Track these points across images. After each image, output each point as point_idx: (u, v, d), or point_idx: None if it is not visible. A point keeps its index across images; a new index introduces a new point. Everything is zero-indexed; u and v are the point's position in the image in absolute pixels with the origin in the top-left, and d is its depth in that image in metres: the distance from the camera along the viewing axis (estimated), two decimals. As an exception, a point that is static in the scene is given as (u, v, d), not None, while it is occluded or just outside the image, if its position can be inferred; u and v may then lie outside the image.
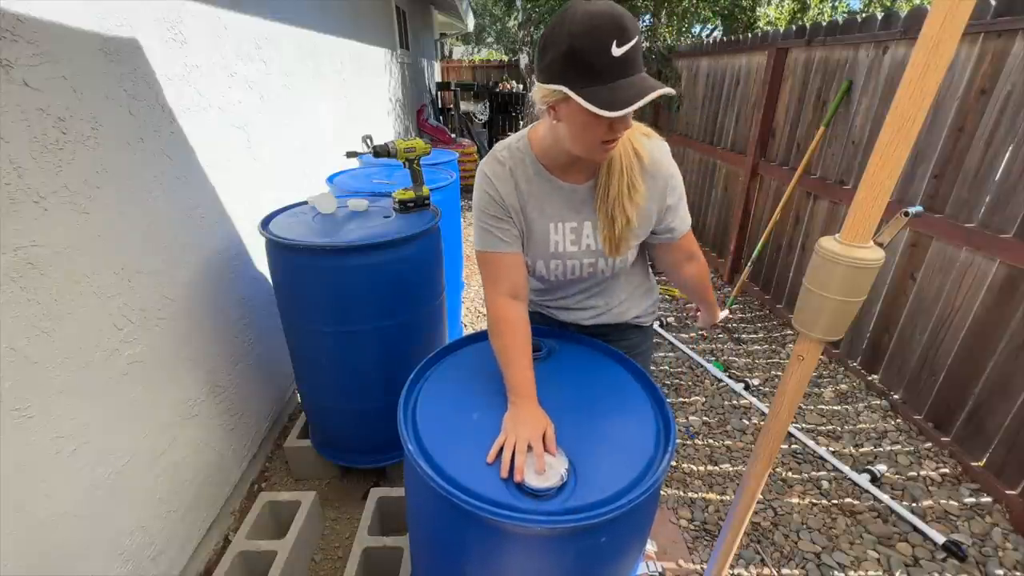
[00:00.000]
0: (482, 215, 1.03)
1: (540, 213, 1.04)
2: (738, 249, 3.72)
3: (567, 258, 1.08)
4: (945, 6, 0.63)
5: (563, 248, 1.06)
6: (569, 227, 1.05)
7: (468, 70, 12.14)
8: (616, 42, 0.75)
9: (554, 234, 1.05)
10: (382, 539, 1.47)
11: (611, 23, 0.76)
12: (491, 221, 1.02)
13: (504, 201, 1.01)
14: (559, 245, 1.06)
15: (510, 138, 1.06)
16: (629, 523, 0.85)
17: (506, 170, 1.01)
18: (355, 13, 3.76)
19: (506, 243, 1.03)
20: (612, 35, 0.75)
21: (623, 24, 0.76)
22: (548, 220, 1.04)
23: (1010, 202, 1.87)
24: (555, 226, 1.05)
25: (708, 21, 7.18)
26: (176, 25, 1.51)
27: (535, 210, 1.03)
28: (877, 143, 0.72)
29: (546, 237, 1.06)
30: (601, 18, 0.76)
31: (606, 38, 0.75)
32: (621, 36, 0.75)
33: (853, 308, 0.83)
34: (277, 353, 2.06)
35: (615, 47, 0.75)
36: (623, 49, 0.76)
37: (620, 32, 0.75)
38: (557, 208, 1.03)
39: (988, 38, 1.94)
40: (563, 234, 1.05)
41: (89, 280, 1.16)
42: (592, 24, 0.76)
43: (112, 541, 1.23)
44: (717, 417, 2.36)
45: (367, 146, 1.65)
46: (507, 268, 1.04)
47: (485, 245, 1.04)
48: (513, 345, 0.99)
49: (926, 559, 1.66)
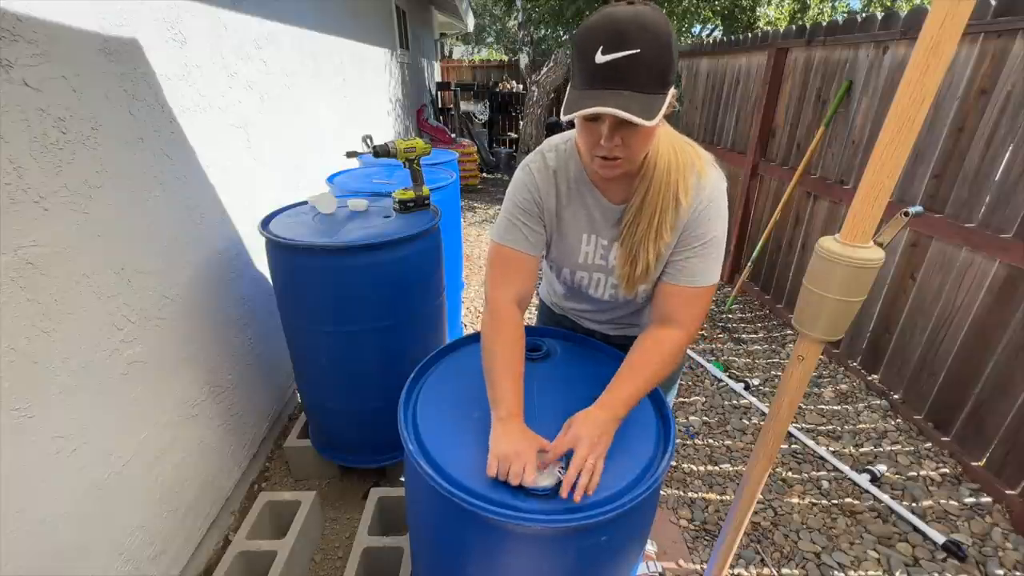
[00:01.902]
0: (515, 209, 0.99)
1: (574, 221, 1.01)
2: (738, 249, 3.72)
3: (593, 270, 1.05)
4: (945, 6, 0.63)
5: (591, 260, 1.04)
6: (601, 243, 1.01)
7: (468, 70, 12.13)
8: (603, 49, 0.72)
9: (585, 245, 1.03)
10: (382, 539, 1.47)
11: (607, 29, 0.72)
12: (523, 217, 0.99)
13: (543, 202, 0.99)
14: (588, 257, 1.04)
15: (558, 138, 1.01)
16: (629, 523, 0.85)
17: (550, 172, 0.98)
18: (355, 13, 3.76)
19: (530, 243, 0.99)
20: (600, 41, 0.72)
21: (620, 32, 0.71)
22: (582, 230, 1.01)
23: (1010, 202, 1.87)
24: (587, 237, 1.02)
25: (708, 21, 7.19)
26: (176, 25, 1.51)
27: (571, 216, 1.00)
28: (877, 143, 0.72)
29: (577, 246, 1.03)
30: (601, 22, 0.73)
31: (594, 43, 0.73)
32: (611, 44, 0.71)
33: (853, 308, 0.83)
34: (277, 353, 2.06)
35: (600, 54, 0.72)
36: (608, 58, 0.72)
37: (612, 40, 0.72)
38: (592, 220, 1.00)
39: (988, 38, 1.94)
40: (594, 247, 1.02)
41: (89, 280, 1.16)
42: (590, 26, 0.75)
43: (112, 541, 1.23)
44: (717, 417, 2.36)
45: (367, 146, 1.65)
46: (522, 270, 1.00)
47: (507, 239, 0.99)
48: (503, 354, 0.93)
49: (926, 559, 1.66)
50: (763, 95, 3.24)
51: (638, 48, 0.71)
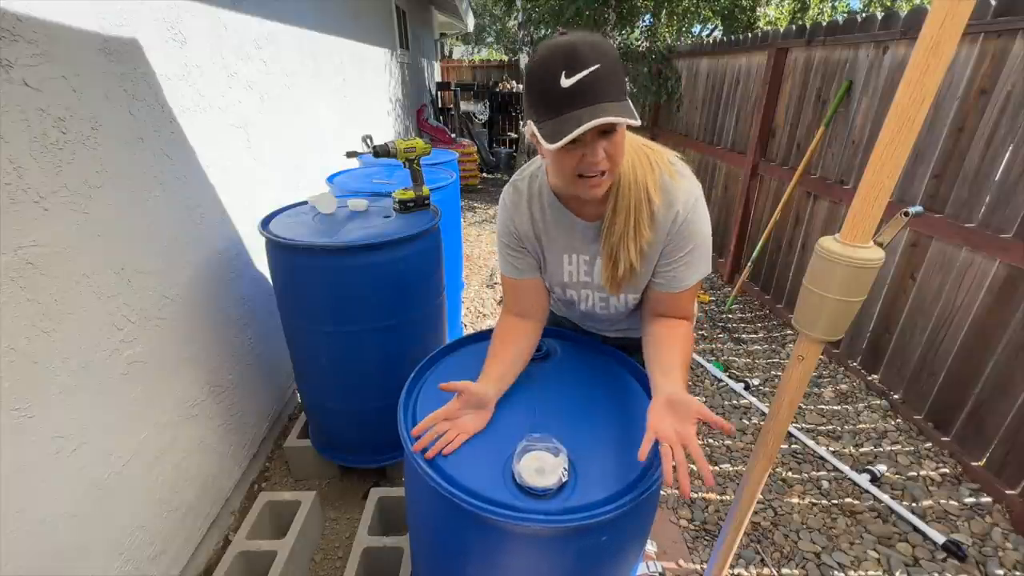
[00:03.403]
0: (500, 241, 1.08)
1: (555, 243, 1.04)
2: (738, 249, 3.72)
3: (580, 287, 1.08)
4: (945, 6, 0.63)
5: (577, 278, 1.07)
6: (583, 259, 1.04)
7: (468, 70, 12.13)
8: (565, 73, 0.73)
9: (568, 264, 1.05)
10: (382, 539, 1.47)
11: (562, 54, 0.73)
12: (507, 250, 1.07)
13: (519, 231, 1.04)
14: (572, 275, 1.07)
15: (532, 164, 1.05)
16: (629, 523, 0.85)
17: (524, 200, 1.02)
18: (355, 13, 3.76)
19: (519, 270, 1.07)
20: (560, 66, 0.73)
21: (575, 54, 0.73)
22: (562, 251, 1.04)
23: (1010, 202, 1.87)
24: (569, 257, 1.05)
25: (708, 21, 7.18)
26: (176, 25, 1.51)
27: (550, 240, 1.04)
28: (877, 143, 0.72)
29: (560, 266, 1.06)
30: (554, 49, 0.75)
31: (555, 69, 0.74)
32: (571, 67, 0.73)
33: (853, 308, 0.83)
34: (277, 353, 2.06)
35: (563, 78, 0.73)
36: (572, 80, 0.73)
37: (570, 62, 0.73)
38: (571, 240, 1.02)
39: (988, 38, 1.94)
40: (576, 265, 1.05)
41: (89, 280, 1.16)
42: (543, 56, 0.76)
43: (112, 541, 1.23)
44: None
45: (367, 146, 1.65)
46: (518, 292, 1.09)
47: (504, 270, 1.09)
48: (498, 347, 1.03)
49: (926, 559, 1.66)
50: (763, 95, 3.24)
51: (597, 64, 0.73)
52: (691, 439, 0.77)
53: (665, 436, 0.77)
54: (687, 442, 0.77)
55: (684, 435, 0.77)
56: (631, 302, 1.07)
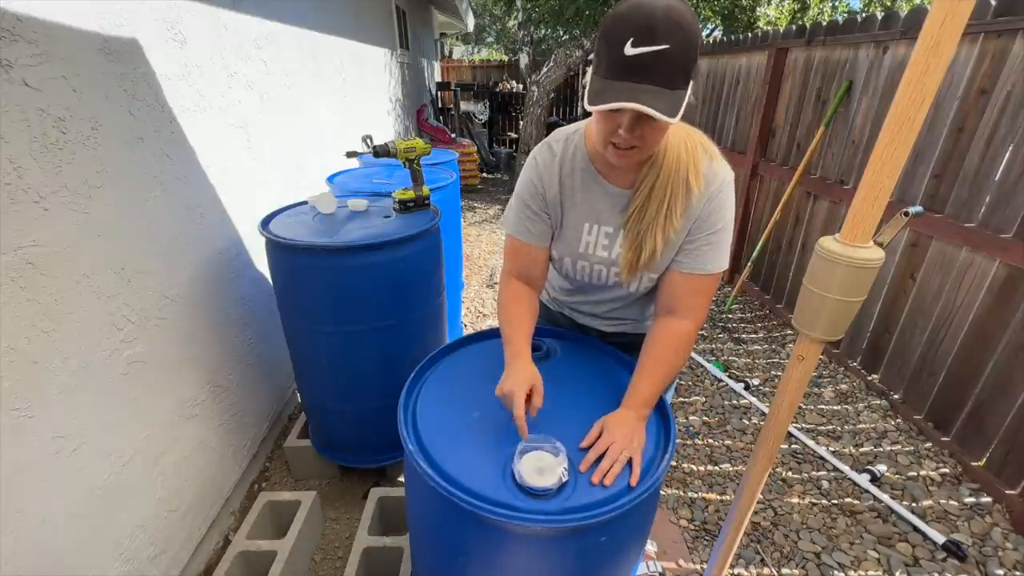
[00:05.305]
0: (520, 200, 1.04)
1: (577, 209, 1.01)
2: (738, 249, 3.72)
3: (594, 262, 1.05)
4: (945, 6, 0.63)
5: (592, 251, 1.04)
6: (604, 231, 1.01)
7: (468, 70, 12.12)
8: (633, 41, 0.71)
9: (587, 234, 1.03)
10: (382, 539, 1.47)
11: (639, 21, 0.71)
12: (525, 211, 1.03)
13: (545, 192, 1.00)
14: (589, 247, 1.04)
15: (569, 126, 1.02)
16: (629, 523, 0.85)
17: (556, 160, 1.00)
18: (355, 13, 3.76)
19: (532, 235, 1.04)
20: (631, 33, 0.71)
21: (651, 25, 0.70)
22: (583, 219, 1.02)
23: (1010, 202, 1.87)
24: (589, 227, 1.02)
25: (708, 21, 7.18)
26: (176, 25, 1.51)
27: (573, 204, 1.01)
28: (877, 143, 0.72)
29: (578, 235, 1.03)
30: (633, 13, 0.72)
31: (624, 34, 0.72)
32: (641, 38, 0.71)
33: (853, 308, 0.83)
34: (277, 353, 2.06)
35: (629, 46, 0.71)
36: (637, 51, 0.71)
37: (642, 34, 0.71)
38: (596, 208, 1.00)
39: (988, 38, 1.94)
40: (596, 236, 1.02)
41: (89, 280, 1.16)
42: (622, 15, 0.73)
43: (112, 541, 1.23)
44: (717, 417, 2.36)
45: (367, 146, 1.65)
46: (525, 257, 1.07)
47: (513, 229, 1.05)
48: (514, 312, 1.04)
49: (926, 559, 1.66)
50: (763, 95, 3.24)
51: (668, 44, 0.71)
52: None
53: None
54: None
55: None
56: (646, 281, 1.04)
